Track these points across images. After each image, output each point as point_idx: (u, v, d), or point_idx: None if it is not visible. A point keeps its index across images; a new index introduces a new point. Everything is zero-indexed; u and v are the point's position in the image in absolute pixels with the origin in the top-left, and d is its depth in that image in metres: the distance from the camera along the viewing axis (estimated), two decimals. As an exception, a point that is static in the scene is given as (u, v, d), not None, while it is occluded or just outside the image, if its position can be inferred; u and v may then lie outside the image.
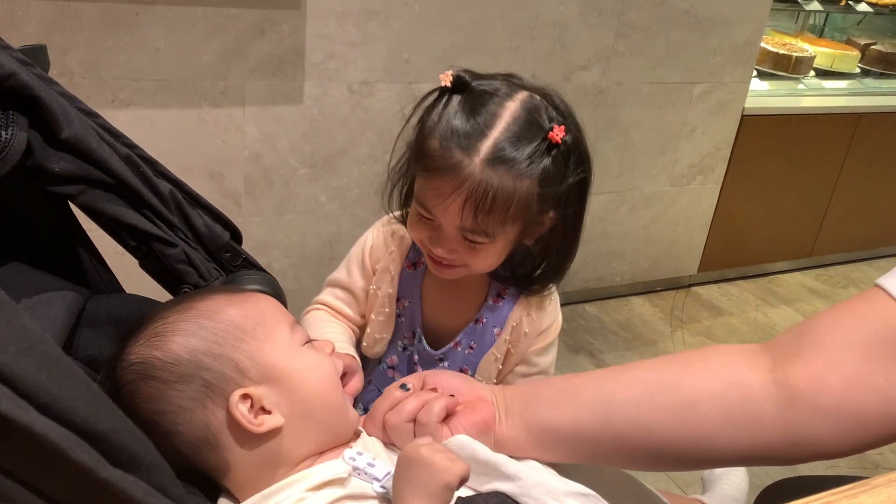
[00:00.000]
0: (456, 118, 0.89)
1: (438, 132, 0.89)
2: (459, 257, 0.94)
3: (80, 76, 1.66)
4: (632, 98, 2.36)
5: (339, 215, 2.08)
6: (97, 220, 0.76)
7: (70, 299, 0.74)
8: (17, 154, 0.64)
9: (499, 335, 1.04)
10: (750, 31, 2.44)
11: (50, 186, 0.70)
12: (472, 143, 0.87)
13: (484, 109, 0.88)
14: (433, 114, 0.91)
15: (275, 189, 1.97)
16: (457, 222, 0.89)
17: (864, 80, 3.10)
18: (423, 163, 0.90)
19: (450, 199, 0.88)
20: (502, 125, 0.88)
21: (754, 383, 0.67)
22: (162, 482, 0.44)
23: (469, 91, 0.90)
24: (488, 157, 0.86)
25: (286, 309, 0.77)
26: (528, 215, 0.91)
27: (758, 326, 2.67)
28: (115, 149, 0.75)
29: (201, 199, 0.83)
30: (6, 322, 0.38)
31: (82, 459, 0.37)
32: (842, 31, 3.55)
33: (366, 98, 1.97)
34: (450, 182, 0.87)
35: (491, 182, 0.86)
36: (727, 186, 2.68)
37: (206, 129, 1.83)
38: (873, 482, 0.55)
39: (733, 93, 2.52)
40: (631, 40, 2.26)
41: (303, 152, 1.97)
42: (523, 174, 0.87)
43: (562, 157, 0.90)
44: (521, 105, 0.89)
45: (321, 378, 0.72)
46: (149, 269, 0.81)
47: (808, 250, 3.06)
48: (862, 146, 2.88)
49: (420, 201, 0.92)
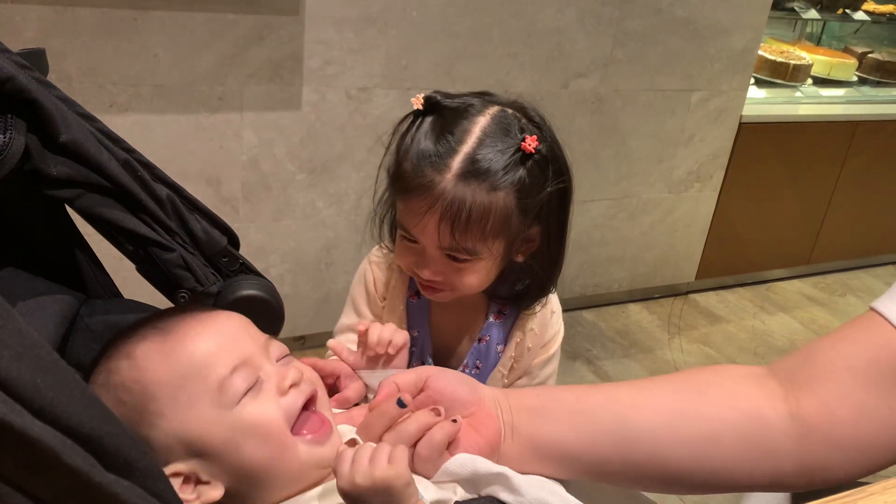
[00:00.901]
0: (426, 138, 0.89)
1: (411, 154, 0.89)
2: (446, 279, 0.93)
3: (78, 81, 1.66)
4: (630, 105, 2.36)
5: (337, 221, 2.08)
6: (94, 225, 0.75)
7: (64, 304, 0.74)
8: (15, 158, 0.63)
9: (502, 352, 1.04)
10: (748, 39, 2.45)
11: (47, 190, 0.69)
12: (443, 160, 0.87)
13: (455, 126, 0.88)
14: (406, 137, 0.91)
15: (272, 195, 1.97)
16: (436, 241, 0.89)
17: (861, 88, 3.11)
18: (398, 186, 0.91)
19: (425, 217, 0.87)
20: (472, 140, 0.88)
21: (771, 415, 0.68)
22: (157, 487, 0.43)
23: (440, 111, 0.90)
24: (459, 171, 0.86)
25: (254, 330, 0.72)
26: (509, 230, 0.90)
27: (755, 334, 2.67)
28: (113, 153, 0.75)
29: (199, 204, 0.83)
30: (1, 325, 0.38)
31: (77, 464, 0.37)
32: (839, 39, 3.56)
33: (364, 104, 1.97)
34: (424, 201, 0.87)
35: (464, 197, 0.86)
36: (725, 194, 2.68)
37: (203, 134, 1.83)
38: (869, 489, 0.55)
39: (731, 100, 2.53)
40: (629, 48, 2.26)
41: (300, 158, 1.97)
42: (497, 187, 0.87)
43: (537, 167, 0.89)
44: (491, 119, 0.89)
45: (258, 442, 0.63)
46: (146, 274, 0.80)
47: (806, 258, 3.06)
48: (859, 154, 2.89)
49: (401, 224, 0.92)
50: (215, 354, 0.66)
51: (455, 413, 0.71)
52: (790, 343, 2.64)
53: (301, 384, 0.68)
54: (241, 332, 0.70)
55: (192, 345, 0.66)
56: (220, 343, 0.67)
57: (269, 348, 0.71)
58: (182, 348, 0.65)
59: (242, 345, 0.68)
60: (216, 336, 0.68)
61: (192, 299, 0.78)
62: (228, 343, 0.67)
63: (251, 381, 0.65)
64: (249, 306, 0.84)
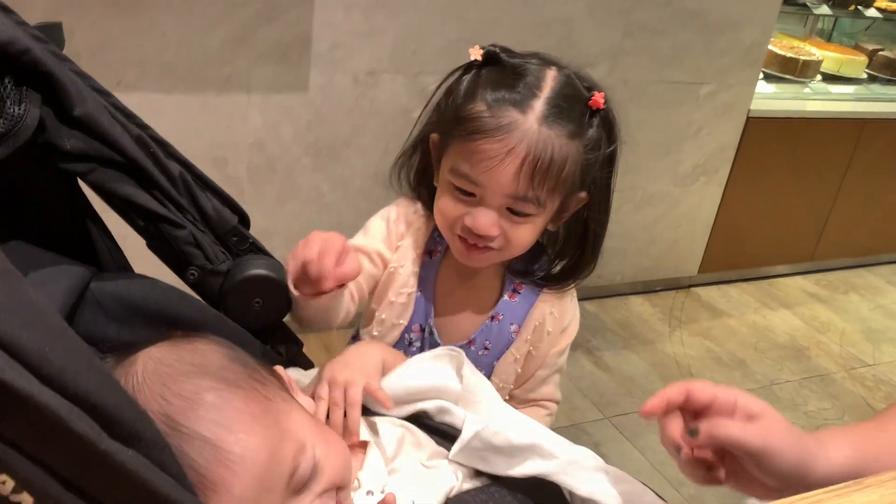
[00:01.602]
0: (499, 83, 0.86)
1: (481, 97, 0.85)
2: (500, 237, 0.88)
3: (86, 58, 1.66)
4: (637, 97, 2.35)
5: (342, 206, 2.08)
6: (106, 199, 0.76)
7: (73, 277, 0.74)
8: (30, 130, 0.63)
9: (516, 333, 1.00)
10: (758, 33, 2.44)
11: (61, 164, 0.69)
12: (525, 100, 0.84)
13: (527, 73, 0.86)
14: (465, 84, 0.89)
15: (278, 177, 1.97)
16: (509, 189, 0.84)
17: (870, 85, 3.10)
18: (466, 127, 0.85)
19: (505, 160, 0.83)
20: (549, 87, 0.85)
21: None
22: (162, 458, 0.44)
23: (500, 63, 0.88)
24: (544, 113, 0.83)
25: (280, 456, 0.61)
26: (570, 187, 0.88)
27: (756, 329, 2.67)
28: (126, 128, 0.75)
29: (211, 183, 0.83)
30: (11, 293, 0.38)
31: (83, 431, 0.38)
32: (850, 36, 3.54)
33: (371, 89, 1.97)
34: (503, 142, 0.82)
35: (549, 141, 0.83)
36: (730, 188, 2.68)
37: (210, 114, 1.83)
38: (865, 482, 0.55)
39: (739, 94, 2.52)
40: (638, 39, 2.25)
41: (306, 141, 1.97)
42: (575, 136, 0.85)
43: (603, 124, 0.89)
44: (558, 72, 0.88)
45: None
46: (156, 251, 0.81)
47: (810, 254, 3.06)
48: (866, 152, 2.88)
49: (461, 172, 0.86)
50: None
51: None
52: (791, 339, 2.64)
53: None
54: (262, 493, 0.60)
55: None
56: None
57: (293, 479, 0.62)
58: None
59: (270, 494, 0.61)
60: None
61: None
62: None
63: None
64: (259, 286, 0.84)
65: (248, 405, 0.61)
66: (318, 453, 0.64)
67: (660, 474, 1.89)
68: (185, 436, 0.57)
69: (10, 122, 0.62)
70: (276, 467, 0.60)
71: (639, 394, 2.20)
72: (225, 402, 0.60)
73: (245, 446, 0.58)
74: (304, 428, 0.65)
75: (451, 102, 0.90)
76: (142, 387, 0.61)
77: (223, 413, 0.59)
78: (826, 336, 2.71)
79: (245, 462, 0.58)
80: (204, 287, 0.84)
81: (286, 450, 0.61)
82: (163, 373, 0.61)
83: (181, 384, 0.60)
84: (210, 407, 0.59)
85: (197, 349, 0.65)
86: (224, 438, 0.58)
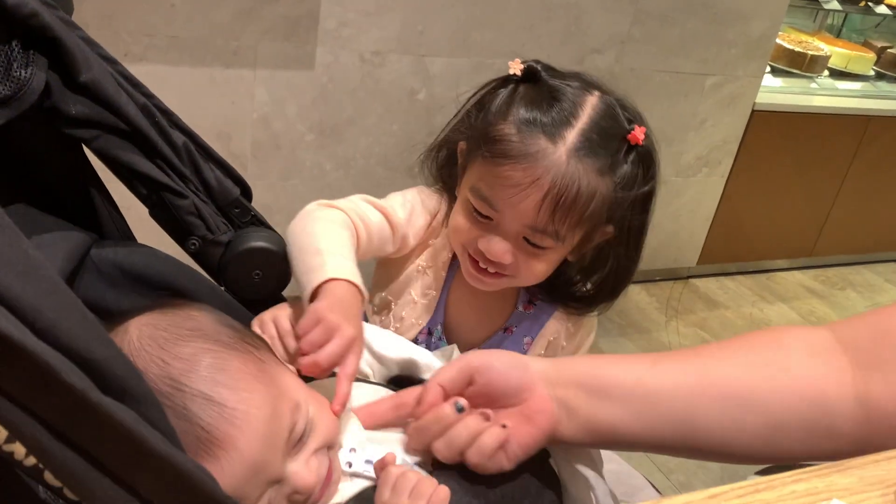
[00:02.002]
0: (533, 104, 0.80)
1: (513, 117, 0.80)
2: (513, 265, 0.84)
3: (94, 28, 1.65)
4: (643, 85, 2.35)
5: (344, 185, 2.09)
6: (110, 167, 0.77)
7: (74, 242, 0.75)
8: (35, 94, 0.64)
9: (529, 346, 0.97)
10: (766, 25, 2.43)
11: (66, 129, 0.70)
12: (557, 129, 0.78)
13: (564, 97, 0.81)
14: (499, 99, 0.84)
15: (281, 154, 1.98)
16: (528, 219, 0.80)
17: (877, 83, 3.09)
18: (493, 149, 0.80)
19: (528, 190, 0.78)
20: (586, 116, 0.80)
21: (836, 399, 0.65)
22: (152, 415, 0.44)
23: (539, 82, 0.83)
24: (575, 145, 0.78)
25: (280, 419, 0.63)
26: (595, 222, 0.83)
27: (752, 322, 2.68)
28: (132, 97, 0.76)
29: (214, 154, 0.83)
30: (8, 245, 0.39)
31: (73, 382, 0.38)
32: (860, 32, 3.53)
33: (377, 68, 1.97)
34: (529, 171, 0.78)
35: (576, 175, 0.78)
36: (732, 181, 2.68)
37: (216, 89, 1.83)
38: (847, 463, 0.57)
39: (745, 87, 2.52)
40: (646, 27, 2.25)
41: (311, 119, 1.97)
42: (606, 172, 0.80)
43: (639, 160, 0.83)
44: (599, 99, 0.83)
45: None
46: (158, 219, 0.81)
47: (809, 250, 3.07)
48: (870, 149, 2.88)
49: (481, 194, 0.82)
50: (236, 494, 0.59)
51: (509, 400, 0.68)
52: (786, 333, 2.65)
53: (318, 473, 0.64)
54: (266, 451, 0.61)
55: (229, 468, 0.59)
56: (244, 480, 0.60)
57: (291, 436, 0.63)
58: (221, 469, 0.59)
59: (266, 468, 0.61)
60: (241, 472, 0.59)
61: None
62: (252, 476, 0.60)
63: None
64: (259, 258, 0.85)
65: (246, 365, 0.63)
66: (311, 412, 0.65)
67: (650, 460, 1.91)
68: (189, 395, 0.58)
69: (16, 85, 0.63)
70: (277, 423, 0.61)
71: (633, 381, 2.22)
72: (224, 362, 0.62)
73: (249, 403, 0.60)
74: (296, 388, 0.67)
75: (482, 115, 0.85)
76: (139, 352, 0.62)
77: (224, 372, 0.61)
78: (822, 331, 2.72)
79: (249, 418, 0.59)
80: (204, 257, 0.85)
81: (284, 407, 0.63)
82: (159, 337, 0.63)
83: (179, 347, 0.61)
84: (210, 367, 0.61)
85: (190, 315, 0.67)
86: (228, 397, 0.59)
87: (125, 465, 0.42)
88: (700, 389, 0.67)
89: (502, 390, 0.69)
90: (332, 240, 0.83)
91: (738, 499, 0.53)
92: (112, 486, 0.42)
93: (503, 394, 0.69)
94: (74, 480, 0.41)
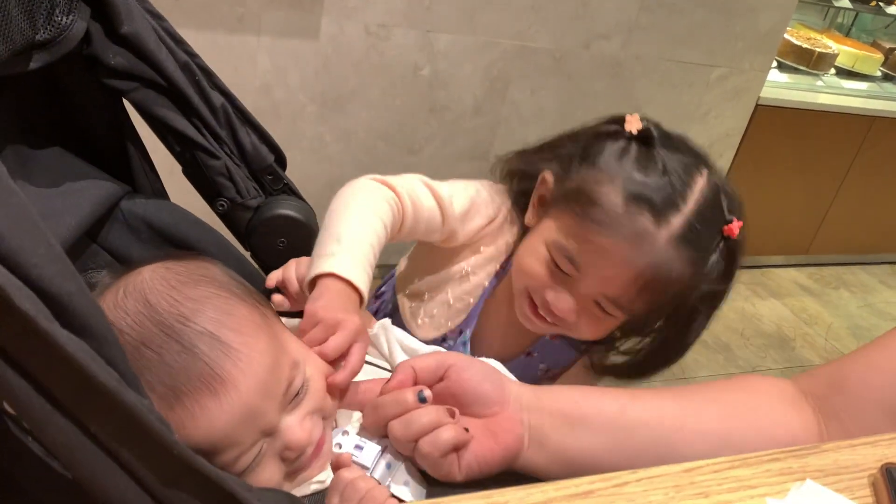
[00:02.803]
0: (646, 175, 0.76)
1: (621, 183, 0.76)
2: (572, 321, 0.81)
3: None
4: (648, 74, 2.34)
5: (343, 158, 2.08)
6: (147, 120, 0.78)
7: (105, 190, 0.76)
8: (74, 41, 0.65)
9: (543, 372, 0.95)
10: (775, 20, 2.42)
11: (104, 79, 0.72)
12: (666, 211, 0.74)
13: (677, 175, 0.76)
14: (606, 153, 0.79)
15: (282, 123, 1.97)
16: (611, 292, 0.77)
17: (883, 84, 3.08)
18: (592, 211, 0.76)
19: (619, 268, 0.75)
20: (694, 201, 0.76)
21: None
22: (111, 354, 0.43)
23: (652, 146, 0.78)
24: (678, 234, 0.75)
25: (278, 371, 0.63)
26: (667, 303, 0.79)
27: (744, 316, 2.69)
28: (174, 53, 0.77)
29: (252, 118, 0.84)
30: None
31: (26, 308, 0.37)
32: (869, 32, 3.51)
33: (382, 41, 1.95)
34: (626, 249, 0.74)
35: (672, 263, 0.75)
36: (732, 174, 2.67)
37: (219, 54, 1.82)
38: (822, 446, 0.57)
39: (751, 81, 2.51)
40: (654, 15, 2.23)
41: (313, 90, 1.96)
42: (697, 263, 0.76)
43: (729, 256, 0.80)
44: (707, 183, 0.78)
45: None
46: (190, 178, 0.83)
47: (805, 247, 3.07)
48: (872, 150, 2.88)
49: (567, 251, 0.78)
50: (229, 438, 0.60)
51: (476, 409, 0.66)
52: (777, 328, 2.67)
53: (311, 435, 0.65)
54: (263, 398, 0.61)
55: (206, 427, 0.59)
56: (239, 424, 0.60)
57: (288, 391, 0.64)
58: (196, 426, 0.59)
59: (261, 416, 0.62)
60: (237, 413, 0.60)
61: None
62: (247, 421, 0.61)
63: (254, 454, 0.62)
64: (285, 226, 0.86)
65: (251, 314, 0.65)
66: (308, 372, 0.66)
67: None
68: (195, 332, 0.60)
69: (56, 30, 0.64)
70: (276, 374, 0.62)
71: (622, 368, 2.23)
72: (232, 307, 0.63)
73: (252, 347, 0.61)
74: (297, 349, 0.67)
75: (584, 166, 0.80)
76: (152, 289, 0.63)
77: (231, 317, 0.62)
78: (812, 329, 2.73)
79: (252, 362, 0.60)
80: (232, 219, 0.86)
81: (284, 361, 0.64)
82: (171, 278, 0.64)
83: (190, 289, 0.63)
84: (219, 310, 0.62)
85: (204, 266, 0.68)
86: (233, 339, 0.61)
87: (74, 400, 0.41)
88: (679, 424, 0.67)
89: (472, 397, 0.66)
90: (358, 229, 0.79)
91: (713, 473, 0.53)
92: (62, 420, 0.41)
93: (472, 401, 0.66)
94: (25, 410, 0.41)
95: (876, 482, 0.55)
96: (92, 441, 0.43)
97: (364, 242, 0.78)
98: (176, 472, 0.46)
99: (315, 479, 0.66)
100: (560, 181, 0.83)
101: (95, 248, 0.76)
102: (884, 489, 0.54)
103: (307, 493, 0.66)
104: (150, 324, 0.60)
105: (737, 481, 0.53)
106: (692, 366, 2.34)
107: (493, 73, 2.10)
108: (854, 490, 0.54)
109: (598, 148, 0.80)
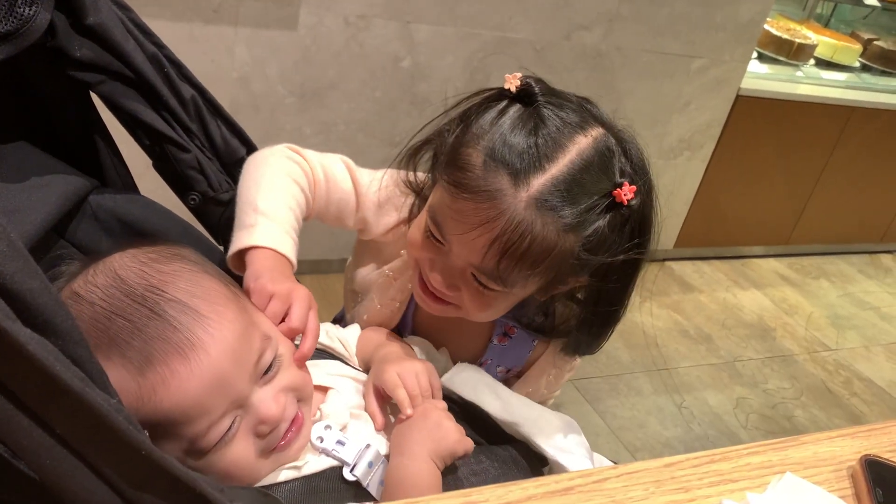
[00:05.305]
0: (512, 134, 0.71)
1: (484, 144, 0.71)
2: (458, 297, 0.77)
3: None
4: (629, 65, 2.34)
5: (323, 150, 2.05)
6: (115, 113, 0.77)
7: (72, 185, 0.74)
8: (37, 32, 0.64)
9: (503, 373, 0.92)
10: (755, 10, 2.42)
11: (70, 71, 0.70)
12: (524, 172, 0.69)
13: (549, 134, 0.71)
14: (484, 117, 0.74)
15: (261, 116, 1.95)
16: (473, 259, 0.72)
17: (862, 74, 3.10)
18: (454, 174, 0.72)
19: (476, 231, 0.70)
20: (564, 162, 0.70)
21: None
22: (77, 353, 0.42)
23: (534, 106, 0.73)
24: (537, 195, 0.69)
25: (247, 344, 0.65)
26: (554, 274, 0.74)
27: (726, 306, 2.71)
28: (141, 45, 0.75)
29: (223, 111, 0.83)
30: None
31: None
32: (848, 23, 3.53)
33: (361, 32, 1.94)
34: (482, 211, 0.70)
35: (531, 226, 0.69)
36: (713, 165, 2.69)
37: (196, 46, 1.79)
38: (801, 438, 0.57)
39: (731, 71, 2.52)
40: (635, 5, 2.23)
41: (292, 81, 1.94)
42: (570, 229, 0.70)
43: (622, 222, 0.73)
44: (592, 143, 0.72)
45: (224, 474, 0.63)
46: (161, 171, 0.82)
47: (786, 238, 3.09)
48: (851, 140, 2.90)
49: (435, 219, 0.75)
50: (200, 406, 0.60)
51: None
52: (758, 318, 2.68)
53: (285, 411, 0.65)
54: (233, 365, 0.62)
55: (177, 392, 0.59)
56: (210, 390, 0.61)
57: (259, 363, 0.65)
58: (167, 392, 0.59)
59: (232, 383, 0.62)
60: (208, 379, 0.60)
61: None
62: (218, 387, 0.61)
63: (226, 426, 0.62)
64: None
65: (222, 289, 0.66)
66: (280, 349, 0.68)
67: (617, 438, 1.92)
68: (165, 299, 0.61)
69: (19, 21, 0.62)
70: (247, 344, 0.63)
71: (603, 359, 2.23)
72: (203, 279, 0.65)
73: (221, 316, 0.62)
74: (268, 326, 0.69)
75: (459, 130, 0.76)
76: (122, 265, 0.64)
77: (202, 287, 0.63)
78: (793, 318, 2.75)
79: (222, 329, 0.61)
80: (204, 213, 0.85)
81: (254, 333, 0.65)
82: (142, 257, 0.65)
83: (161, 265, 0.64)
84: (189, 281, 0.63)
85: (174, 247, 0.69)
86: (202, 306, 0.62)
87: (39, 401, 0.40)
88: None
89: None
90: (275, 197, 0.77)
91: (693, 468, 0.53)
92: (26, 421, 0.40)
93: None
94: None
95: (855, 474, 0.55)
96: (59, 443, 0.42)
97: (284, 207, 0.78)
98: (146, 473, 0.45)
99: (290, 464, 0.66)
100: (441, 149, 0.79)
101: (63, 244, 0.75)
102: (862, 480, 0.54)
103: (279, 480, 0.65)
104: (120, 294, 0.61)
105: (717, 475, 0.53)
106: (674, 356, 2.35)
107: (473, 65, 2.09)
108: (833, 482, 0.54)
109: (478, 112, 0.75)
